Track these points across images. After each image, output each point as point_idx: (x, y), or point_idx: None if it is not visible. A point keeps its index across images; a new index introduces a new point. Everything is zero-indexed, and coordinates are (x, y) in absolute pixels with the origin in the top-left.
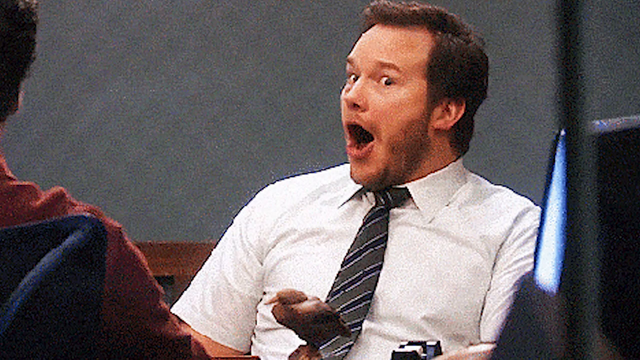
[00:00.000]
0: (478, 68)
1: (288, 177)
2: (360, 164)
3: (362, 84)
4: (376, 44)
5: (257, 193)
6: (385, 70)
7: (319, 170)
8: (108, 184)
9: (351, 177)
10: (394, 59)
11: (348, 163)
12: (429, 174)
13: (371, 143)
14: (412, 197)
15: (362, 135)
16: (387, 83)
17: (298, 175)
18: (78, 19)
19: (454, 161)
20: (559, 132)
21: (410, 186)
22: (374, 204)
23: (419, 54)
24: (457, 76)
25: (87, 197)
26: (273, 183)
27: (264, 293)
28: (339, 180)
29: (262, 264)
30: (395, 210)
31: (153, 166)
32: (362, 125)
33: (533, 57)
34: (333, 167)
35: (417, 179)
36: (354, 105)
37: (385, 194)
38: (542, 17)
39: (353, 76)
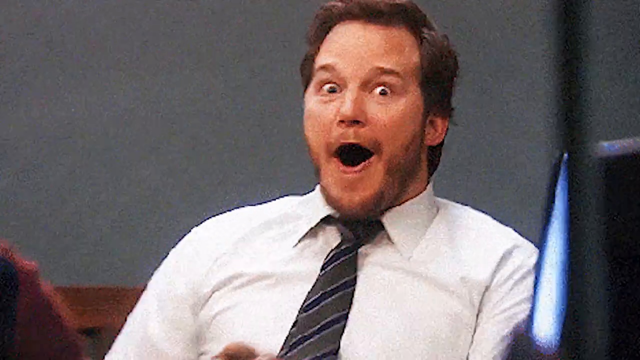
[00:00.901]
0: (457, 71)
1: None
2: (354, 188)
3: (357, 95)
4: (368, 46)
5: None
6: (384, 77)
7: (275, 200)
8: (20, 216)
9: (336, 206)
10: (394, 64)
11: (297, 195)
12: (405, 201)
13: (370, 159)
14: (385, 231)
15: (355, 155)
16: (382, 93)
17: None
18: None
19: (427, 186)
20: (560, 155)
21: (385, 218)
22: (337, 240)
23: (411, 57)
24: (446, 81)
25: None
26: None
27: (202, 353)
28: (287, 214)
29: (196, 317)
30: (364, 248)
31: (74, 195)
32: (362, 143)
33: (526, 66)
34: (291, 195)
35: (389, 208)
36: (353, 122)
37: (355, 228)
38: (537, 18)
39: (329, 86)
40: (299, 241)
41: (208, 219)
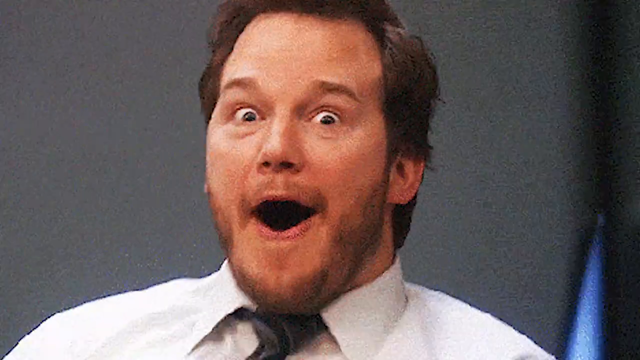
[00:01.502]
0: (436, 90)
1: (101, 298)
2: (282, 264)
3: (288, 125)
4: (305, 51)
5: (39, 326)
6: (328, 97)
7: (161, 284)
8: None
9: (255, 291)
10: (343, 77)
11: (187, 278)
12: (359, 287)
13: (309, 221)
14: (328, 332)
15: (286, 214)
16: (327, 121)
17: (121, 293)
18: None
19: (393, 263)
20: (594, 219)
21: (328, 312)
22: (254, 345)
23: (369, 66)
24: (420, 105)
25: None
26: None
27: None
28: (179, 306)
29: None
30: (295, 357)
31: None
32: (296, 197)
33: (545, 89)
34: (184, 278)
35: (335, 297)
36: (282, 165)
37: (282, 327)
38: (558, 28)
39: (245, 111)
40: (196, 347)
41: (63, 310)
